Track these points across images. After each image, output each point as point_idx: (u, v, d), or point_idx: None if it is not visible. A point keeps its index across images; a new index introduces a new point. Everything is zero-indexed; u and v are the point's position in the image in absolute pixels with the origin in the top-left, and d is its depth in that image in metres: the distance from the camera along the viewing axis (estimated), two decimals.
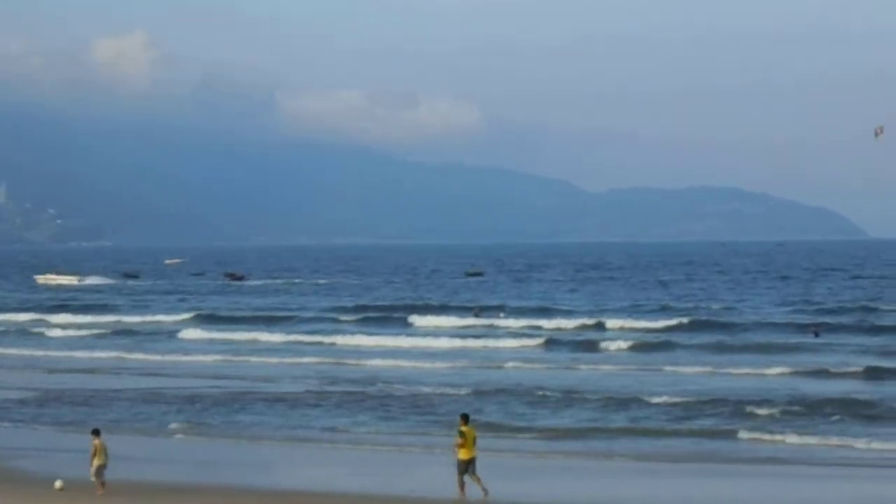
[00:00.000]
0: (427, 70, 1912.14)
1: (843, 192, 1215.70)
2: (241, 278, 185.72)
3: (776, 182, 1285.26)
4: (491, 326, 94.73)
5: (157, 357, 77.68)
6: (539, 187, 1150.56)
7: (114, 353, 79.91)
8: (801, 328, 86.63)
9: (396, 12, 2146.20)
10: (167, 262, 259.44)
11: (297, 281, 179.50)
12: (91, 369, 70.36)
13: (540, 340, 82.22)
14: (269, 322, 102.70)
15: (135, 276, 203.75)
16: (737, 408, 47.18)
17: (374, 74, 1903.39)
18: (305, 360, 74.47)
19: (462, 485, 31.00)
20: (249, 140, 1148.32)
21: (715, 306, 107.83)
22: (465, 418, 31.52)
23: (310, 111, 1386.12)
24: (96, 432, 34.04)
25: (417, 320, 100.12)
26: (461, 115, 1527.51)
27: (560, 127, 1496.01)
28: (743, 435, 41.93)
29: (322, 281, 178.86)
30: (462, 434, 30.86)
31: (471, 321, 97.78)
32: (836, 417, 44.62)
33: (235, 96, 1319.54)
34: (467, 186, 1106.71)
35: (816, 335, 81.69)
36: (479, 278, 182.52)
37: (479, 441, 31.24)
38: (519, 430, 44.58)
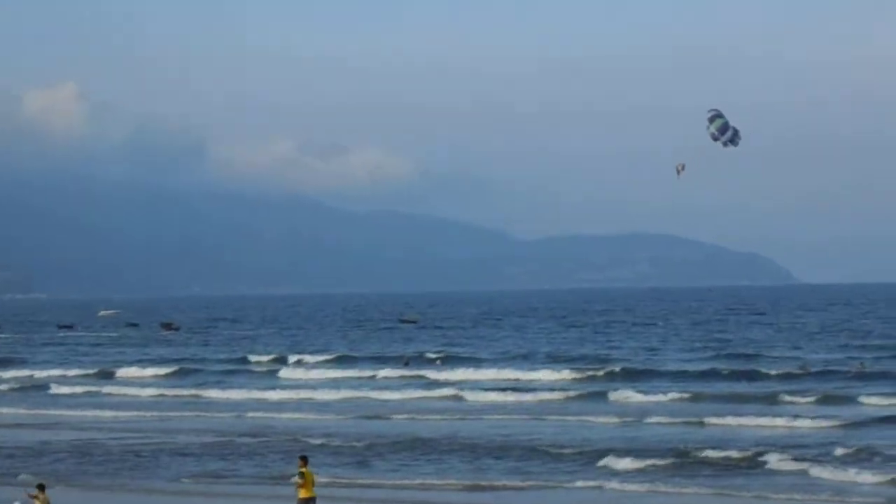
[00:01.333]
0: (356, 120, 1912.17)
1: (773, 238, 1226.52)
2: (175, 328, 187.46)
3: (707, 228, 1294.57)
4: (417, 377, 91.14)
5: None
6: (471, 235, 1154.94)
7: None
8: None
9: (320, 66, 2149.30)
10: (101, 313, 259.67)
11: (241, 331, 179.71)
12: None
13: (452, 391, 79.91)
14: (182, 375, 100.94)
15: (69, 327, 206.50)
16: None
17: (303, 125, 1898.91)
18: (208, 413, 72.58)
19: None
20: (181, 191, 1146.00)
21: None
22: (305, 460, 33.80)
23: (241, 161, 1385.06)
24: (41, 487, 33.25)
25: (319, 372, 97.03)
26: (392, 165, 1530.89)
27: (490, 177, 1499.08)
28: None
29: (267, 330, 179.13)
30: (302, 475, 33.15)
31: (400, 371, 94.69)
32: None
33: (167, 147, 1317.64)
34: (400, 235, 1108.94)
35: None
36: (413, 325, 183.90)
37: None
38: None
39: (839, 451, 44.85)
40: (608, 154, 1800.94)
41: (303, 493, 33.26)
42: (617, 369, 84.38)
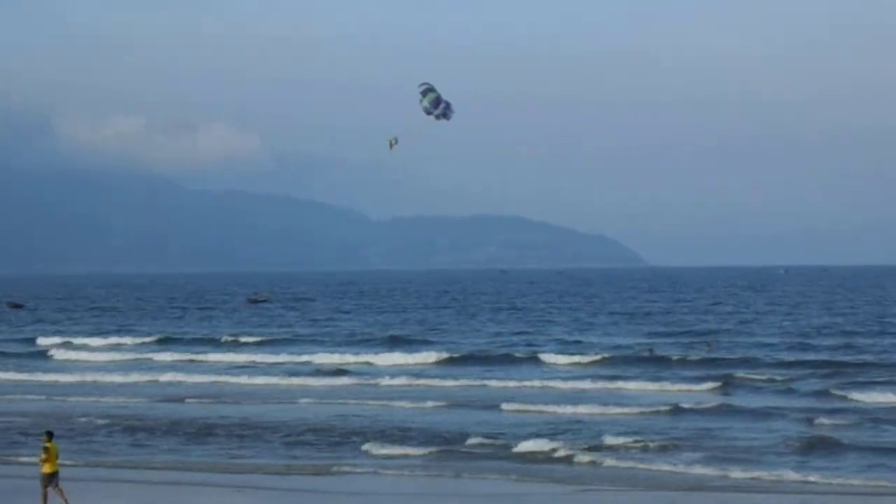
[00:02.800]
0: (207, 97, 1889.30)
1: (622, 220, 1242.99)
2: (20, 306, 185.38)
3: (557, 211, 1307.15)
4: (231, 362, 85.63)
5: None
6: (324, 215, 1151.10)
7: None
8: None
9: (174, 35, 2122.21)
10: None
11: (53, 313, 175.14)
12: None
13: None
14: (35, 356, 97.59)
15: None
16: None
17: (153, 100, 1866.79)
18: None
19: (45, 497, 33.91)
20: (26, 169, 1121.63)
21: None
22: (50, 435, 34.44)
23: (89, 138, 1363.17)
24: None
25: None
26: (243, 143, 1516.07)
27: (344, 157, 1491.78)
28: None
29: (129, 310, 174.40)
30: (46, 450, 33.89)
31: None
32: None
33: (10, 125, 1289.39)
34: (252, 215, 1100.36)
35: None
36: (264, 304, 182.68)
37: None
38: None
39: (609, 440, 44.44)
40: (462, 137, 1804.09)
41: (46, 468, 33.73)
42: (444, 356, 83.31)
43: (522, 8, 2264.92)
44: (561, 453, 42.56)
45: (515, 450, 43.52)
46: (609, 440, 44.92)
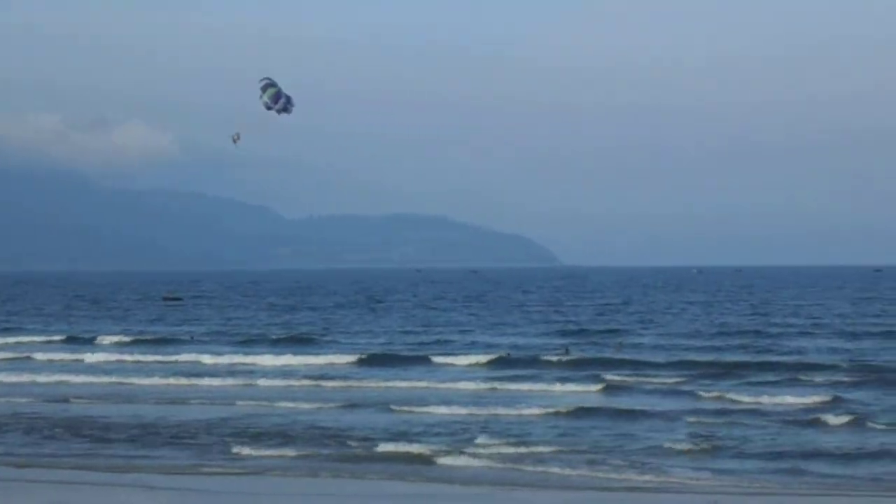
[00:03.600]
0: (121, 97, 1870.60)
1: (538, 220, 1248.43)
2: None
3: (473, 210, 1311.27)
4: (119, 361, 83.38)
5: None
6: (238, 213, 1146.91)
7: None
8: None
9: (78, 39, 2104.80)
10: None
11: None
12: None
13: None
14: None
15: None
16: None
17: (67, 98, 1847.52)
18: None
19: None
20: None
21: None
22: None
23: (2, 136, 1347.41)
24: None
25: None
26: (156, 140, 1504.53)
27: (259, 154, 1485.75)
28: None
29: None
30: None
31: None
32: None
33: None
34: (164, 212, 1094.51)
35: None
36: (177, 303, 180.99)
37: None
38: None
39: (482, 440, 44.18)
40: (379, 134, 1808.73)
41: None
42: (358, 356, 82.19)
43: (458, 9, 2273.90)
44: (425, 452, 41.73)
45: (381, 450, 42.66)
46: (482, 440, 44.15)
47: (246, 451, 42.96)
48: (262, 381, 68.43)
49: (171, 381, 70.02)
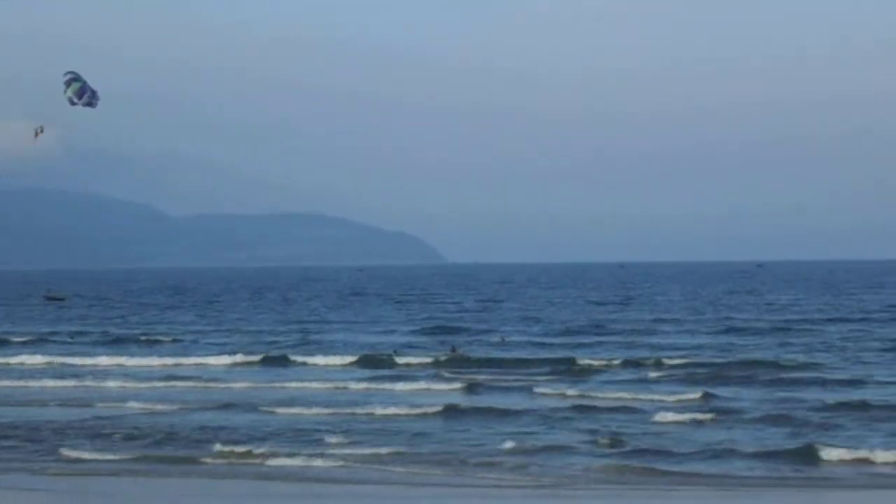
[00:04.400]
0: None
1: (424, 218, 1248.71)
2: None
3: (357, 207, 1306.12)
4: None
5: None
6: (121, 211, 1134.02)
7: None
8: None
9: None
10: None
11: None
12: None
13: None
14: None
15: None
16: None
17: None
18: None
19: None
20: None
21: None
22: None
23: None
24: None
25: None
26: (40, 138, 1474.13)
27: (139, 151, 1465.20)
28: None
29: None
30: None
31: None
32: None
33: None
34: (48, 211, 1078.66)
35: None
36: (59, 303, 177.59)
37: None
38: None
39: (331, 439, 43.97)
40: (257, 128, 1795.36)
41: None
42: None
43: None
44: (258, 452, 41.55)
45: (218, 450, 42.30)
46: (330, 440, 44.19)
47: (76, 453, 42.16)
48: (126, 383, 66.66)
49: (28, 382, 68.52)
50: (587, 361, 73.88)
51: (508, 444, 42.59)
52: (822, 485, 36.02)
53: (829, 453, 39.52)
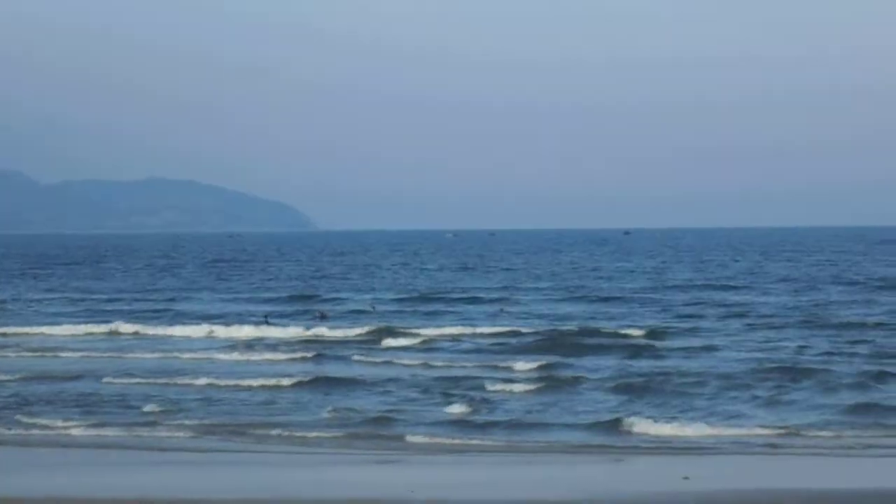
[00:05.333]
0: None
1: (296, 186, 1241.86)
2: None
3: (231, 176, 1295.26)
4: None
5: None
6: None
7: None
8: None
9: None
10: None
11: None
12: None
13: None
14: None
15: None
16: None
17: None
18: None
19: None
20: None
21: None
22: None
23: None
24: None
25: None
26: None
27: (9, 118, 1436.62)
28: None
29: None
30: None
31: None
32: None
33: None
34: None
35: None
36: None
37: None
38: None
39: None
40: (124, 92, 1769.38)
41: None
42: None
43: None
44: (69, 424, 41.22)
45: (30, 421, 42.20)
46: (149, 408, 44.14)
47: None
48: None
49: None
50: (433, 331, 73.54)
51: (326, 414, 42.76)
52: (625, 452, 36.26)
53: (640, 425, 39.97)
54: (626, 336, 68.25)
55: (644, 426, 39.85)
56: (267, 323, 79.75)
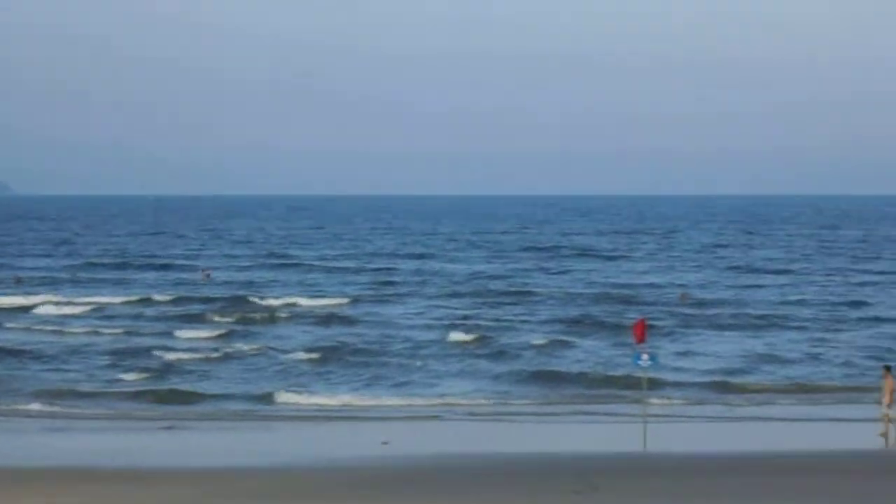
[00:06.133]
0: None
1: None
2: None
3: None
4: None
5: None
6: None
7: None
8: None
9: None
10: None
11: None
12: None
13: None
14: None
15: None
16: None
17: None
18: None
19: None
20: None
21: None
22: None
23: None
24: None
25: None
26: None
27: None
28: None
29: None
30: None
31: None
32: None
33: None
34: None
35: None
36: None
37: None
38: None
39: None
40: None
41: None
42: None
43: None
44: None
45: None
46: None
47: None
48: None
49: None
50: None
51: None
52: (267, 419, 38.19)
53: (285, 397, 41.82)
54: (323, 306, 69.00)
55: (289, 396, 41.82)
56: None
